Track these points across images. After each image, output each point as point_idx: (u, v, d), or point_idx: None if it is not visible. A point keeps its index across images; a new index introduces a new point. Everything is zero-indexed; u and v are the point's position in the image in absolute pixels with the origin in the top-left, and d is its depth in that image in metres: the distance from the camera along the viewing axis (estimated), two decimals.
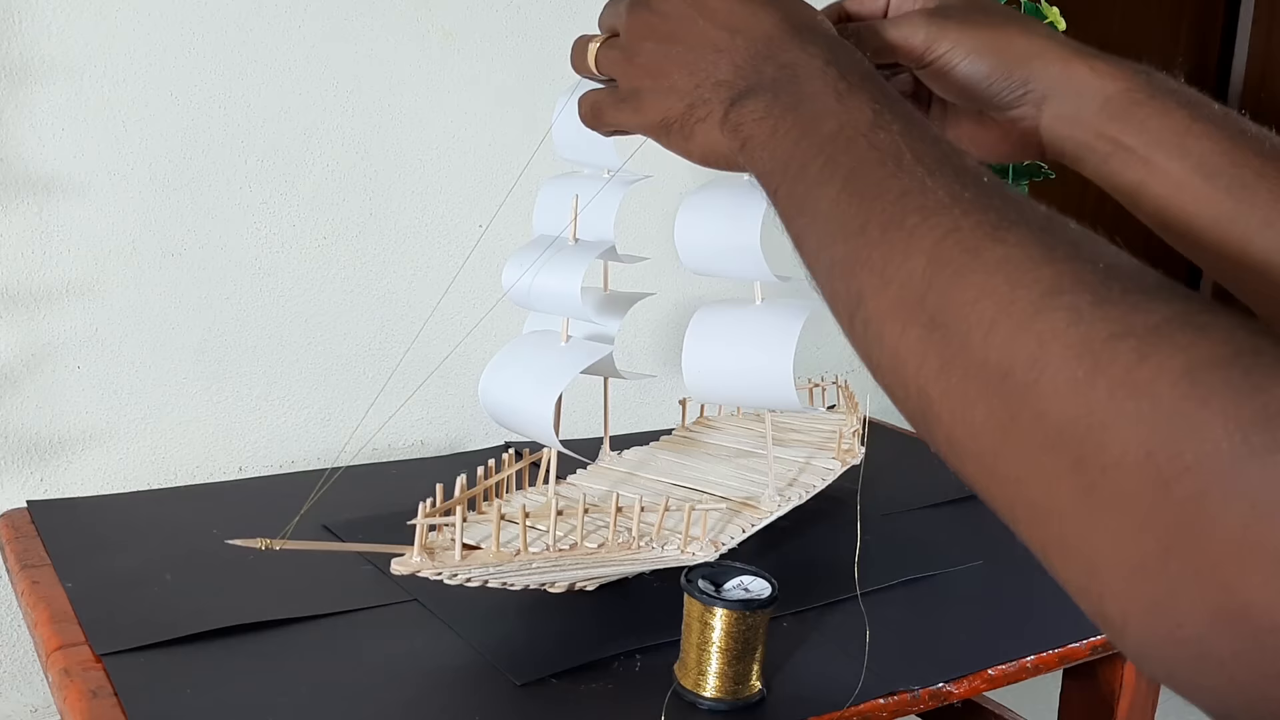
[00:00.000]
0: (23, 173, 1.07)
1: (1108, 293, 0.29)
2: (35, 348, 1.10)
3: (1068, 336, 0.29)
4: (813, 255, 0.40)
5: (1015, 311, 0.31)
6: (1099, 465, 0.28)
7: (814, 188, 0.39)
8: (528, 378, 0.79)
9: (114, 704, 0.66)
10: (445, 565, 0.70)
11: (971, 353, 0.31)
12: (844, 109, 0.40)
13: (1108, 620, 0.29)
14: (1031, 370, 0.29)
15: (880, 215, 0.36)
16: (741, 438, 1.07)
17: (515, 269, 0.81)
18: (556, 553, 0.73)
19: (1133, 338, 0.28)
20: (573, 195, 0.82)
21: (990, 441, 0.31)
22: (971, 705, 1.16)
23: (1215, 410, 0.25)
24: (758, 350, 0.77)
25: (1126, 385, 0.27)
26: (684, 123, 0.48)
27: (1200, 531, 0.25)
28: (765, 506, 0.88)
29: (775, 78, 0.44)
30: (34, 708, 1.14)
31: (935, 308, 0.33)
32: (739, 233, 0.77)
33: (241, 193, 1.19)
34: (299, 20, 1.18)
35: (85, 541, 0.89)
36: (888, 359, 0.35)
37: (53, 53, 1.06)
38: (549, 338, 0.83)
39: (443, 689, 0.72)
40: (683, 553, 0.78)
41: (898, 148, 0.37)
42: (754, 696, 0.71)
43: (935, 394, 0.33)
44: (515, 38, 1.32)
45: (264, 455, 1.25)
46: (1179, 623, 0.26)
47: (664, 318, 1.50)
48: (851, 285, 0.36)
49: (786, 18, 0.46)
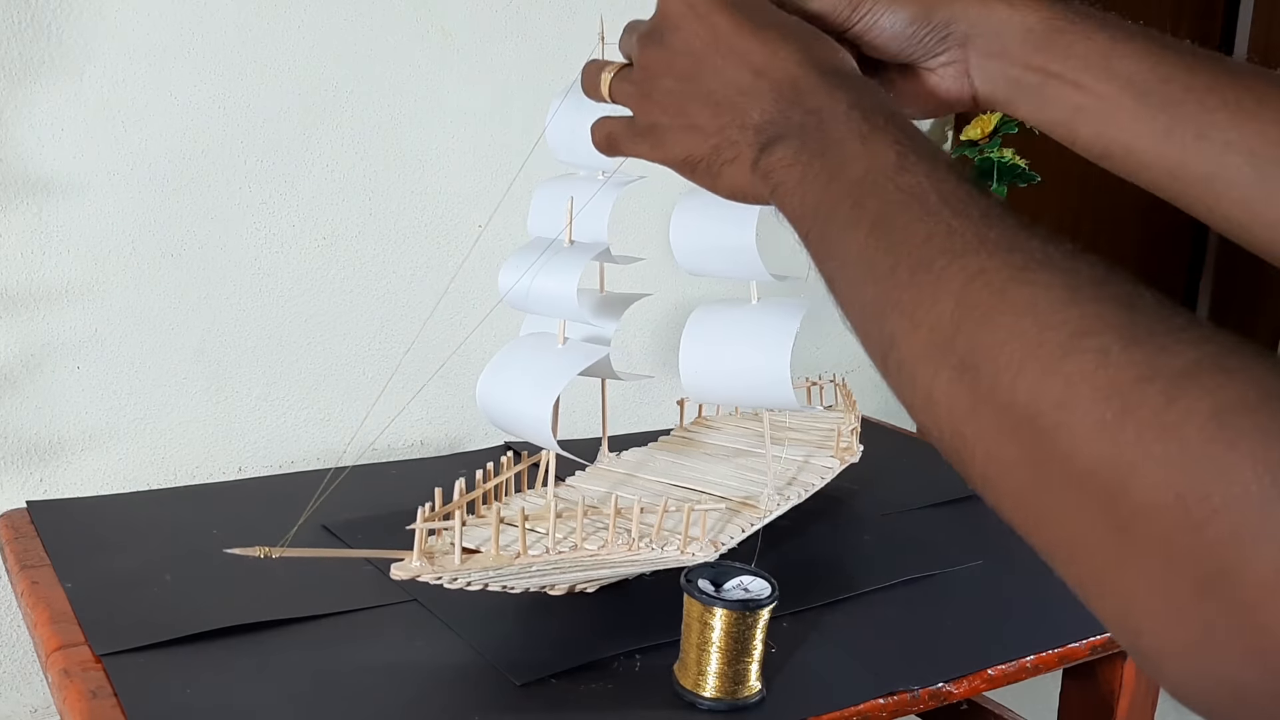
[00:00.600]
0: (23, 173, 1.07)
1: (1135, 333, 0.30)
2: (35, 348, 1.10)
3: (1095, 379, 0.29)
4: (845, 298, 0.40)
5: (1043, 354, 0.31)
6: (1129, 507, 0.28)
7: (843, 232, 0.40)
8: (525, 380, 0.79)
9: (114, 704, 0.66)
10: (445, 570, 0.70)
11: (1000, 395, 0.32)
12: (869, 153, 0.41)
13: (1146, 657, 0.29)
14: (1060, 412, 0.30)
15: (908, 258, 0.36)
16: (740, 437, 1.07)
17: (511, 272, 0.81)
18: (556, 555, 0.73)
19: (1161, 380, 0.28)
20: (567, 198, 0.82)
21: (1022, 481, 0.32)
22: (971, 705, 1.16)
23: (1244, 453, 0.26)
24: (755, 349, 0.77)
25: (1155, 428, 0.28)
26: (710, 163, 0.48)
27: (1232, 574, 0.26)
28: (764, 506, 0.88)
29: (802, 124, 0.44)
30: (34, 708, 1.14)
31: (965, 350, 0.33)
32: (734, 233, 0.77)
33: (241, 193, 1.19)
34: (299, 20, 1.18)
35: (85, 542, 0.89)
36: (921, 400, 0.36)
37: (53, 53, 1.06)
38: (546, 340, 0.83)
39: (443, 689, 0.72)
40: (682, 553, 0.78)
41: (923, 190, 0.38)
42: (753, 697, 0.71)
43: (969, 434, 0.33)
44: (515, 38, 1.32)
45: (264, 455, 1.25)
46: (1215, 663, 0.27)
47: (661, 318, 1.50)
48: (885, 328, 0.37)
49: (809, 58, 0.45)
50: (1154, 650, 0.28)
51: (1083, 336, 0.30)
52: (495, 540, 0.71)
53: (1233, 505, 0.26)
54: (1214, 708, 0.28)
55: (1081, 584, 0.31)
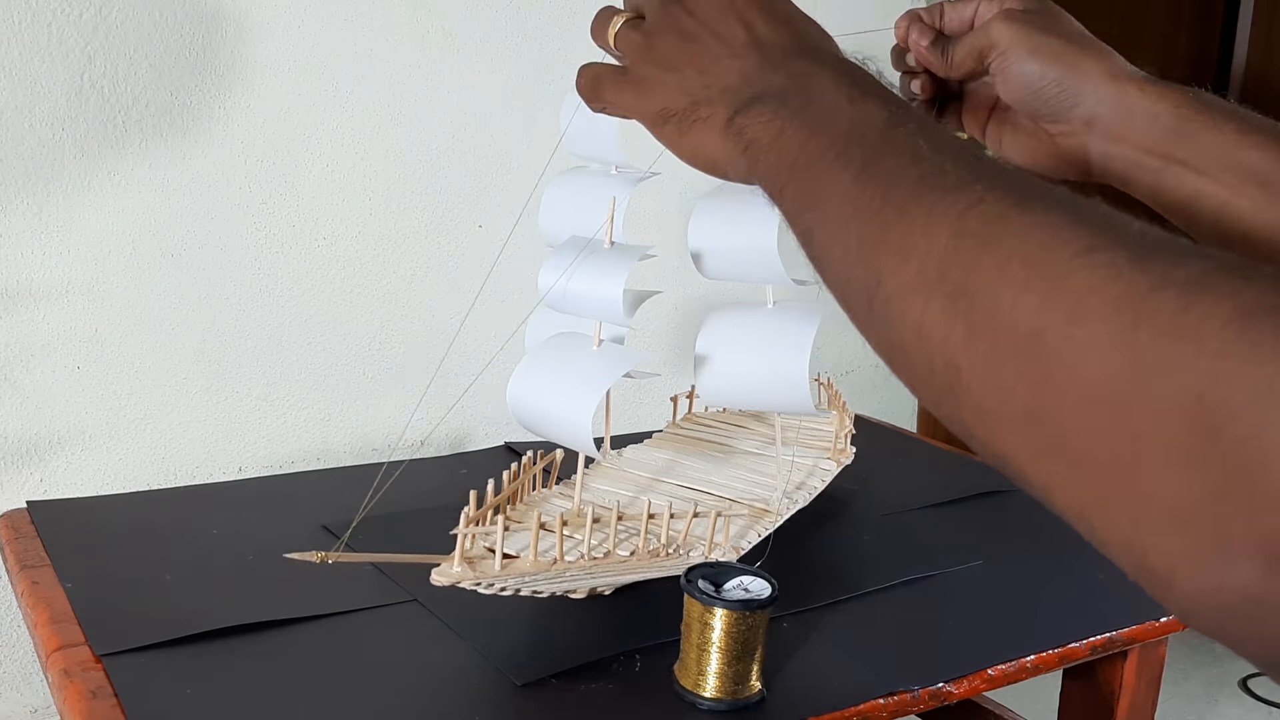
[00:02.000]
0: (23, 173, 1.07)
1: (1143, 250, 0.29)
2: (35, 348, 1.10)
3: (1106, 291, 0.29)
4: (825, 248, 0.39)
5: (1048, 272, 0.30)
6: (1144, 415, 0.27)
7: (827, 177, 0.39)
8: (563, 383, 0.78)
9: (114, 704, 0.66)
10: (484, 575, 0.69)
11: (1001, 317, 0.31)
12: (856, 110, 0.41)
13: (1153, 576, 0.28)
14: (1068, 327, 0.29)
15: (899, 195, 0.36)
16: (736, 437, 1.07)
17: (551, 272, 0.80)
18: (591, 561, 0.73)
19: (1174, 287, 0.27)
20: (578, 193, 0.81)
21: (1024, 405, 0.31)
22: (971, 705, 1.16)
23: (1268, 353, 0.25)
24: (774, 354, 0.78)
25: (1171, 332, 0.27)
26: (682, 118, 0.48)
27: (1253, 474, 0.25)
28: (775, 509, 0.88)
29: (784, 86, 0.44)
30: (34, 708, 1.14)
31: (960, 277, 0.33)
32: (757, 236, 0.77)
33: (241, 193, 1.19)
34: (299, 20, 1.18)
35: (85, 542, 0.89)
36: (910, 336, 0.34)
37: (52, 53, 1.06)
38: (577, 341, 0.82)
39: (443, 689, 0.72)
40: (707, 558, 0.78)
41: (915, 143, 0.37)
42: (754, 697, 0.71)
43: (964, 364, 0.32)
44: (515, 38, 1.32)
45: (263, 455, 1.25)
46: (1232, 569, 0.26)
47: (666, 316, 1.50)
48: (870, 267, 0.36)
49: (803, 37, 0.47)
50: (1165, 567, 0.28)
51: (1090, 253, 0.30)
52: (534, 547, 0.71)
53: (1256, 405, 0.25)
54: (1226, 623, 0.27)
55: (1085, 511, 0.30)
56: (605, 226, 0.80)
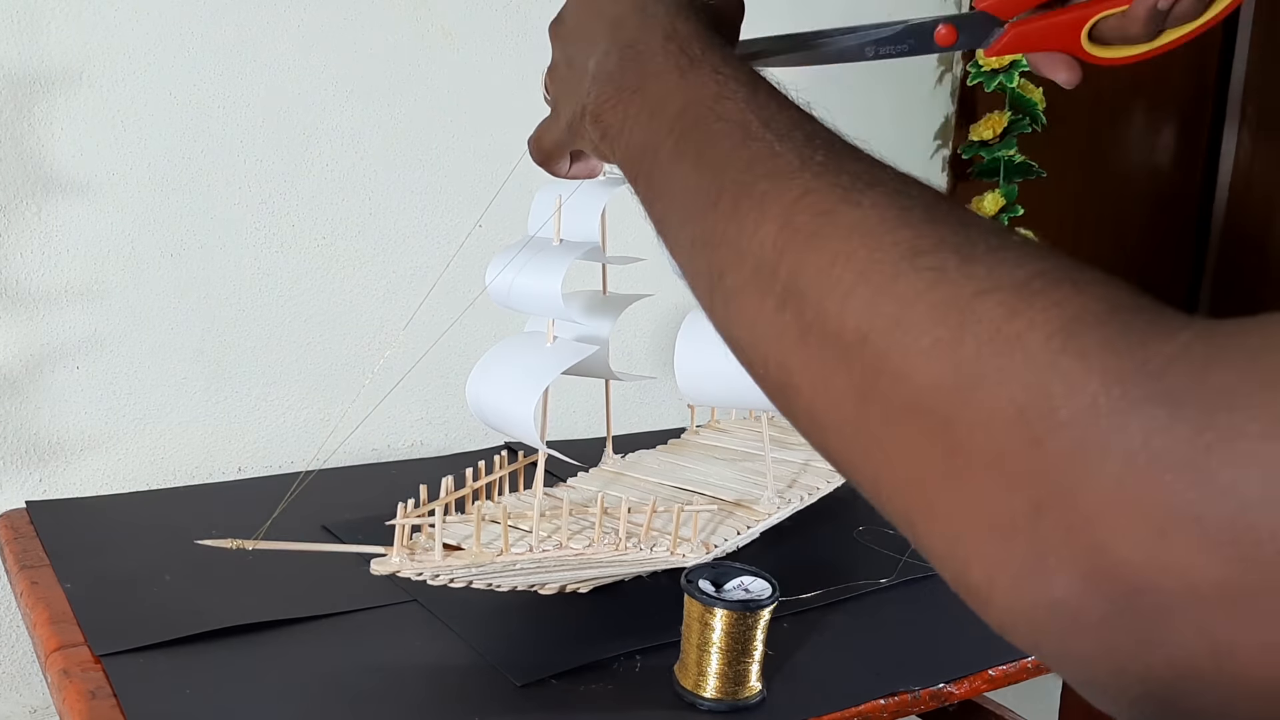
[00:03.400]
0: (23, 173, 1.06)
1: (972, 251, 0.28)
2: (35, 348, 1.10)
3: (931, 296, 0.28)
4: (673, 239, 0.39)
5: (874, 276, 0.29)
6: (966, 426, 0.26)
7: (668, 168, 0.39)
8: (511, 378, 0.78)
9: (113, 704, 0.66)
10: (425, 565, 0.69)
11: (829, 320, 0.30)
12: (687, 85, 0.40)
13: (972, 589, 0.28)
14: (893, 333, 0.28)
15: (732, 186, 0.35)
16: (750, 441, 1.07)
17: (498, 268, 0.80)
18: (540, 554, 0.73)
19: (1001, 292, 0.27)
20: (573, 198, 0.82)
21: (851, 410, 0.30)
22: (971, 705, 1.16)
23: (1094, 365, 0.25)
24: None
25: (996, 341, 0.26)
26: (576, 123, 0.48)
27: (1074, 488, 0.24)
28: (763, 508, 0.88)
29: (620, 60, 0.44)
30: (33, 708, 1.14)
31: (790, 276, 0.32)
32: None
33: (241, 193, 1.19)
34: (298, 20, 1.18)
35: (84, 542, 0.89)
36: (746, 333, 0.34)
37: (52, 53, 1.06)
38: (535, 339, 0.82)
39: (443, 689, 0.72)
40: (672, 554, 0.77)
41: (744, 117, 0.37)
42: (754, 697, 0.71)
43: (795, 365, 0.32)
44: (515, 38, 1.32)
45: (264, 456, 1.25)
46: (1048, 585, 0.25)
47: (662, 319, 1.50)
48: (713, 261, 0.35)
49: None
50: (983, 579, 0.27)
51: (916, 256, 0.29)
52: (477, 536, 0.71)
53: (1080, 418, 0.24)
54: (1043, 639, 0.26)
55: (909, 518, 0.29)
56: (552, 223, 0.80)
